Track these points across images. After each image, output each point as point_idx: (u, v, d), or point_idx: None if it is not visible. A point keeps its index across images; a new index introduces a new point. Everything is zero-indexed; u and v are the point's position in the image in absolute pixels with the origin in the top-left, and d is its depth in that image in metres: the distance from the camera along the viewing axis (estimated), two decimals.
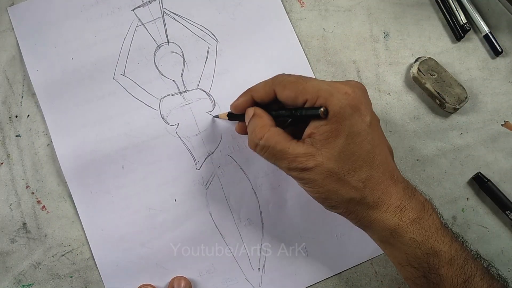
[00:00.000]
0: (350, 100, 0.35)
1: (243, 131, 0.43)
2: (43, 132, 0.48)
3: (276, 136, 0.36)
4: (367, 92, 0.38)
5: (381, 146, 0.37)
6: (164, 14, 0.50)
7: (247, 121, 0.39)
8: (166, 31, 0.50)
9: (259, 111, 0.39)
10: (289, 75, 0.38)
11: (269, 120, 0.38)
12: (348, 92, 0.35)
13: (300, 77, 0.37)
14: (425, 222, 0.36)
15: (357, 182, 0.35)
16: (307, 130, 0.36)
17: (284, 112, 0.38)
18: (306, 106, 0.36)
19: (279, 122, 0.38)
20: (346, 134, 0.34)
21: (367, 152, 0.35)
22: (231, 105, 0.41)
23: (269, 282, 0.46)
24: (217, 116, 0.47)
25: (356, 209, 0.36)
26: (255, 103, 0.40)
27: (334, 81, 0.37)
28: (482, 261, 0.38)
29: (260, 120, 0.38)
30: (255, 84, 0.40)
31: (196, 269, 0.46)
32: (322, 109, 0.34)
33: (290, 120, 0.39)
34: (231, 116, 0.43)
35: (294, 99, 0.36)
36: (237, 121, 0.43)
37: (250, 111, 0.39)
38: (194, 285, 0.45)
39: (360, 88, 0.37)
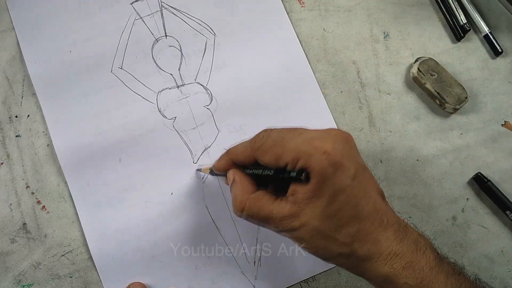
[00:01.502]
0: (331, 158, 0.34)
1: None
2: (43, 132, 0.48)
3: (258, 203, 0.36)
4: (351, 139, 0.37)
5: (368, 196, 0.36)
6: (162, 8, 0.51)
7: (229, 185, 0.39)
8: (164, 25, 0.50)
9: (238, 177, 0.38)
10: (267, 136, 0.37)
11: (249, 185, 0.37)
12: (327, 151, 0.34)
13: (278, 136, 0.36)
14: (418, 264, 0.35)
15: (344, 238, 0.35)
16: (291, 188, 0.35)
17: (265, 171, 0.37)
18: (288, 168, 0.35)
19: (261, 180, 0.38)
20: (329, 194, 0.34)
21: (353, 207, 0.35)
22: (213, 165, 0.41)
23: (265, 275, 0.46)
24: (199, 170, 0.47)
25: (347, 262, 0.36)
26: (234, 165, 0.40)
27: (313, 136, 0.35)
28: (483, 285, 0.38)
29: (241, 188, 0.37)
30: (234, 146, 0.39)
31: (192, 262, 0.46)
32: (303, 174, 0.34)
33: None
34: (213, 173, 0.43)
35: (275, 164, 0.36)
36: (220, 175, 0.43)
37: (230, 175, 0.39)
38: (190, 278, 0.45)
39: (342, 139, 0.36)
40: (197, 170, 0.47)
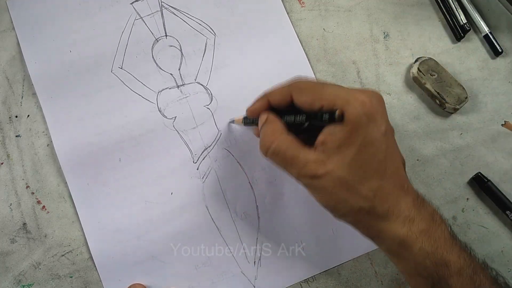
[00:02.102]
0: (367, 109, 0.34)
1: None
2: (43, 132, 0.48)
3: (287, 142, 0.36)
4: (384, 102, 0.38)
5: (393, 157, 0.36)
6: (163, 8, 0.51)
7: (260, 126, 0.39)
8: (164, 25, 0.50)
9: (272, 117, 0.38)
10: (306, 79, 0.38)
11: (281, 126, 0.38)
12: (365, 101, 0.35)
13: (318, 82, 0.37)
14: (434, 232, 0.35)
15: (367, 192, 0.35)
16: (320, 137, 0.35)
17: (298, 117, 0.37)
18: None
19: (293, 128, 0.38)
20: (360, 142, 0.34)
21: (379, 162, 0.35)
22: (247, 109, 0.41)
23: (265, 275, 0.46)
24: (232, 121, 0.47)
25: (365, 219, 0.36)
26: (271, 108, 0.40)
27: (352, 89, 0.37)
28: (490, 271, 0.38)
29: (272, 126, 0.38)
30: (271, 87, 0.40)
31: (192, 262, 0.46)
32: (337, 112, 0.34)
33: (305, 125, 0.38)
34: (246, 121, 0.43)
35: (311, 105, 0.36)
36: (254, 126, 0.43)
37: (263, 117, 0.39)
38: (190, 278, 0.45)
39: (377, 98, 0.37)
40: (230, 122, 0.47)
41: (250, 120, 0.42)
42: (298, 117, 0.37)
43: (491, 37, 0.51)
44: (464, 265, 0.35)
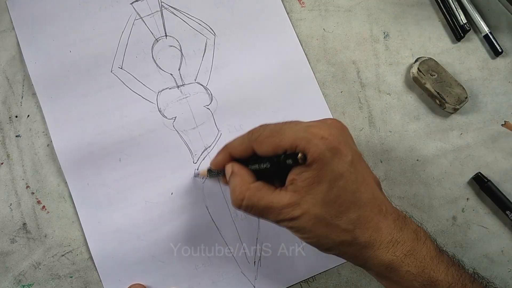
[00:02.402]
0: (328, 143, 0.34)
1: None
2: (43, 132, 0.48)
3: (257, 193, 0.36)
4: (346, 128, 0.38)
5: (366, 183, 0.36)
6: (162, 8, 0.51)
7: (228, 178, 0.39)
8: (164, 25, 0.50)
9: (236, 168, 0.38)
10: (264, 127, 0.37)
11: (248, 176, 0.37)
12: (324, 136, 0.34)
13: (275, 127, 0.36)
14: (419, 252, 0.35)
15: (346, 225, 0.35)
16: (290, 177, 0.35)
17: (262, 165, 0.37)
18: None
19: (259, 174, 0.38)
20: (329, 179, 0.34)
21: (352, 193, 0.35)
22: (210, 162, 0.41)
23: (265, 275, 0.46)
24: (197, 175, 0.47)
25: (349, 250, 0.36)
26: (234, 158, 0.39)
27: (310, 124, 0.36)
28: (481, 280, 0.38)
29: (239, 179, 0.37)
30: (231, 140, 0.39)
31: (192, 262, 0.46)
32: (300, 155, 0.33)
33: (270, 171, 0.38)
34: (211, 173, 0.42)
35: (273, 152, 0.36)
36: (220, 176, 0.42)
37: (228, 168, 0.38)
38: (190, 278, 0.45)
39: (337, 127, 0.36)
40: (194, 176, 0.47)
41: (215, 172, 0.41)
42: (262, 165, 0.37)
43: (491, 37, 0.51)
44: (453, 281, 0.35)
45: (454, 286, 0.35)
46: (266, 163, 0.36)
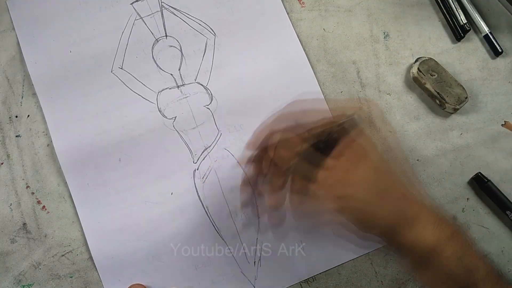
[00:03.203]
0: (364, 120, 0.36)
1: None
2: (43, 132, 0.48)
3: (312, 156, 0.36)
4: None
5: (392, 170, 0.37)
6: (163, 8, 0.51)
7: (272, 150, 0.39)
8: (164, 25, 0.50)
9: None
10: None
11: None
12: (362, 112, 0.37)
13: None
14: (460, 236, 0.35)
15: (397, 195, 0.35)
16: (337, 148, 0.35)
17: (317, 134, 0.37)
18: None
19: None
20: (379, 151, 0.35)
21: (394, 173, 0.36)
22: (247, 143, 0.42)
23: (265, 275, 0.46)
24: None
25: (396, 230, 0.35)
26: None
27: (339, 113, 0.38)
28: (505, 276, 0.38)
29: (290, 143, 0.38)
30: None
31: (192, 262, 0.46)
32: (355, 115, 0.35)
33: (324, 140, 0.38)
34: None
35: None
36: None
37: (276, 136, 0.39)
38: (190, 278, 0.45)
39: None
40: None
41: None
42: (314, 134, 0.37)
43: (491, 37, 0.51)
44: (489, 270, 0.35)
45: (490, 275, 0.35)
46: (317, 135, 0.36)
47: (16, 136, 0.48)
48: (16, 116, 0.48)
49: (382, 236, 0.37)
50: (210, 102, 0.49)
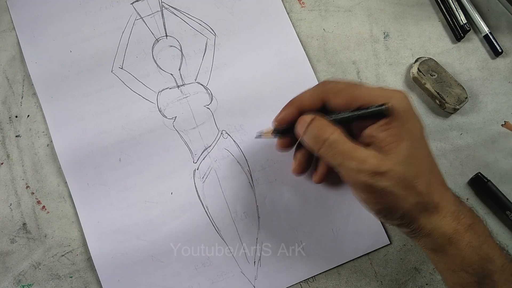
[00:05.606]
0: (406, 104, 0.35)
1: (286, 145, 0.41)
2: (43, 132, 0.48)
3: (343, 135, 0.35)
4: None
5: (431, 152, 0.37)
6: (163, 8, 0.51)
7: (302, 128, 0.37)
8: (164, 25, 0.50)
9: (319, 115, 0.37)
10: (336, 82, 0.37)
11: (330, 123, 0.36)
12: (403, 97, 0.35)
13: (349, 83, 0.37)
14: (478, 227, 0.35)
15: (422, 187, 0.34)
16: (367, 135, 0.35)
17: (344, 115, 0.35)
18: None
19: None
20: (409, 137, 0.34)
21: (426, 157, 0.35)
22: (275, 120, 0.39)
23: (265, 275, 0.46)
24: (259, 136, 0.44)
25: (416, 216, 0.35)
26: (300, 115, 0.38)
27: (381, 88, 0.36)
28: None
29: (323, 122, 0.36)
30: (298, 94, 0.38)
31: (192, 262, 0.46)
32: (387, 105, 0.33)
33: (352, 123, 0.37)
34: (277, 132, 0.40)
35: (347, 106, 0.35)
36: (277, 138, 0.41)
37: (307, 117, 0.37)
38: (190, 278, 0.45)
39: (407, 96, 0.37)
40: (256, 136, 0.44)
41: (282, 129, 0.39)
42: (342, 114, 0.35)
43: (491, 37, 0.51)
44: (505, 261, 0.35)
45: (507, 266, 0.35)
46: (345, 113, 0.35)
47: (16, 136, 0.48)
48: (16, 116, 0.48)
49: (403, 226, 0.36)
50: (210, 102, 0.49)
